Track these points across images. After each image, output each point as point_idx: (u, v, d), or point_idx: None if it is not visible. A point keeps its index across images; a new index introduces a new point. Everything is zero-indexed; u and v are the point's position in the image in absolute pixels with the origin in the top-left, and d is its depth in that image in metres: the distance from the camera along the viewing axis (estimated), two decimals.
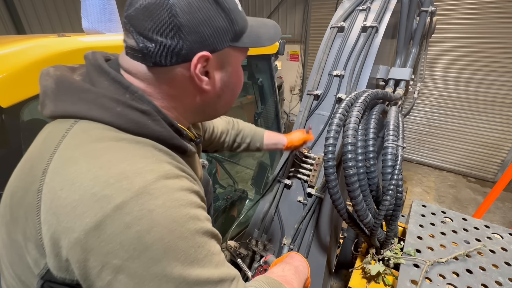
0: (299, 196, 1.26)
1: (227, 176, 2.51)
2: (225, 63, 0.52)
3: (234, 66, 0.55)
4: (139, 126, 0.45)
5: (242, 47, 0.53)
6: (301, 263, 0.75)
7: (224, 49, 0.50)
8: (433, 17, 1.48)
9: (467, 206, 3.75)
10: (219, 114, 0.63)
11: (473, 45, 3.83)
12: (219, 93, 0.55)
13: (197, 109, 0.56)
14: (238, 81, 0.58)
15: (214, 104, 0.57)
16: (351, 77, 1.27)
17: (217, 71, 0.52)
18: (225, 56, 0.52)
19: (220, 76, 0.53)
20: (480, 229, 1.06)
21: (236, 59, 0.55)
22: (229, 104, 0.61)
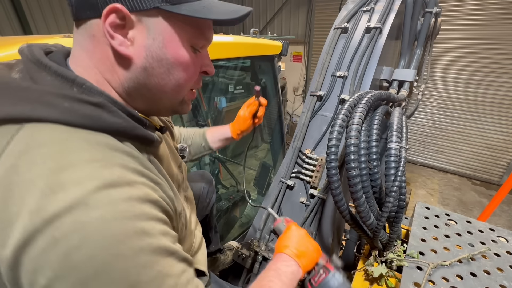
0: (302, 197, 1.26)
1: (229, 176, 2.52)
2: (152, 29, 0.45)
3: (168, 37, 0.46)
4: (93, 120, 0.41)
5: (178, 14, 0.44)
6: (284, 262, 0.71)
7: (150, 10, 0.43)
8: (437, 18, 1.47)
9: (472, 209, 3.71)
10: (161, 103, 0.53)
11: (478, 46, 3.79)
12: (145, 64, 0.46)
13: (130, 86, 0.48)
14: (176, 60, 0.48)
15: (146, 83, 0.48)
16: (355, 78, 1.27)
17: (140, 35, 0.45)
18: (154, 21, 0.44)
19: (145, 43, 0.45)
20: (485, 232, 1.05)
21: (174, 29, 0.46)
22: (170, 90, 0.51)
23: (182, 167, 0.79)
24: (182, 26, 0.47)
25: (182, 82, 0.51)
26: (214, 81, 2.34)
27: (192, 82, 0.54)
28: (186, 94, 0.55)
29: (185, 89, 0.53)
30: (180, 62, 0.49)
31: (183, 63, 0.49)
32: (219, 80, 2.39)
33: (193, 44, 0.50)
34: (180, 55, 0.49)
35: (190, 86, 0.55)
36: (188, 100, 0.57)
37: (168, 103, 0.54)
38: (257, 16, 6.26)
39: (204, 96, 2.30)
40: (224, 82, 2.51)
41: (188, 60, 0.50)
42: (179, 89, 0.52)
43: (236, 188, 2.41)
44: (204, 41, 0.52)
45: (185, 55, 0.49)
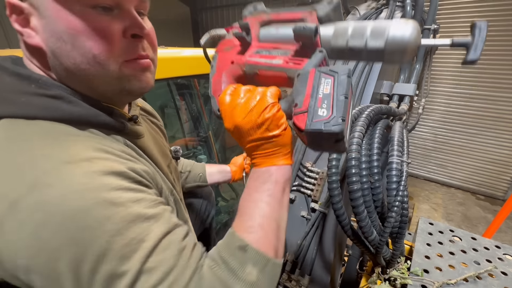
0: (303, 211, 1.24)
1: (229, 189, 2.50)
2: (41, 8, 0.41)
3: (54, 7, 0.41)
4: (50, 110, 0.42)
5: None
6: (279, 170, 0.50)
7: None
8: (436, 35, 1.50)
9: (477, 224, 3.64)
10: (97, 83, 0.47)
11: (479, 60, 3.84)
12: (52, 48, 0.43)
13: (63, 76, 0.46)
14: (75, 30, 0.42)
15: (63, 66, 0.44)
16: (355, 92, 1.28)
17: (36, 20, 0.43)
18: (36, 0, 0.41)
19: (42, 25, 0.42)
20: (491, 249, 1.02)
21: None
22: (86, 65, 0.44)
23: (171, 167, 0.74)
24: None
25: (96, 52, 0.43)
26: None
27: (114, 50, 0.45)
28: (123, 66, 0.47)
29: (108, 60, 0.45)
30: (76, 30, 0.42)
31: (81, 31, 0.42)
32: None
33: (93, 3, 0.42)
34: (73, 22, 0.41)
35: (116, 56, 0.45)
36: (131, 73, 0.48)
37: (103, 83, 0.47)
38: None
39: (205, 107, 2.32)
40: None
41: (87, 25, 0.42)
42: (97, 62, 0.44)
43: (236, 201, 2.38)
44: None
45: (83, 20, 0.42)
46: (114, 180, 0.39)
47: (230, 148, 3.27)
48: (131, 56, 0.48)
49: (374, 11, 1.50)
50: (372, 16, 1.46)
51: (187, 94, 2.14)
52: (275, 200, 0.49)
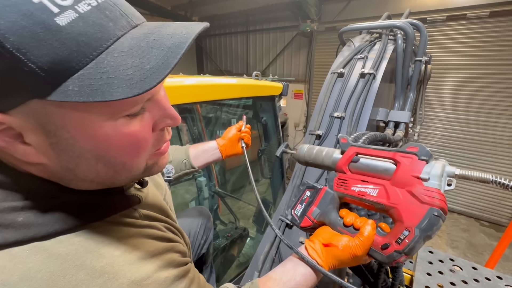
0: (301, 237, 1.23)
1: (228, 211, 2.47)
2: (46, 126, 0.31)
3: (75, 128, 0.32)
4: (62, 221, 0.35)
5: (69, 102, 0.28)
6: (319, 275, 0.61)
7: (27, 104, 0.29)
8: (427, 65, 1.58)
9: (483, 252, 3.53)
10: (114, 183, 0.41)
11: (471, 88, 3.97)
12: (64, 165, 0.35)
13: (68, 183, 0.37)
14: (106, 148, 0.35)
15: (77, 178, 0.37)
16: (351, 119, 1.32)
17: (37, 137, 0.32)
18: (40, 116, 0.30)
19: (49, 142, 0.32)
20: (492, 280, 1.00)
21: (75, 118, 0.31)
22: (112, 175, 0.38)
23: (166, 199, 0.67)
24: (88, 109, 0.31)
25: (132, 160, 0.38)
26: (216, 116, 2.43)
27: (146, 152, 0.40)
28: (149, 160, 0.42)
29: (139, 164, 0.40)
30: (111, 147, 0.35)
31: (117, 145, 0.35)
32: (222, 115, 2.48)
33: (121, 113, 0.34)
34: (108, 140, 0.34)
35: (146, 156, 0.41)
36: (154, 162, 0.44)
37: (126, 181, 0.42)
38: (260, 57, 6.68)
39: (206, 130, 2.37)
40: (227, 117, 2.60)
41: (124, 137, 0.35)
42: (128, 168, 0.39)
43: (234, 225, 2.35)
44: (138, 103, 0.35)
45: (115, 135, 0.34)
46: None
47: (230, 170, 3.28)
48: (159, 147, 0.43)
49: (368, 44, 1.59)
50: (366, 48, 1.55)
51: (189, 117, 2.20)
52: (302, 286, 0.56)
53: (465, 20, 3.82)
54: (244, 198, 3.21)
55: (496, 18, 3.61)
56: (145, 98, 0.36)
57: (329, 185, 0.65)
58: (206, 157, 1.02)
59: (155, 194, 0.59)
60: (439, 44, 4.07)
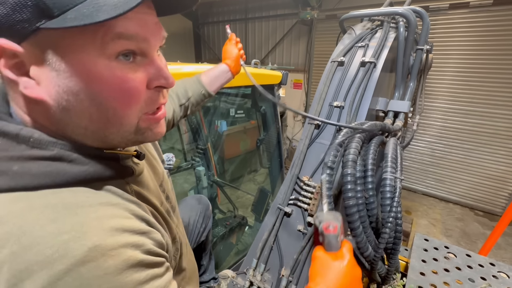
0: (299, 225, 1.25)
1: (227, 201, 2.50)
2: (49, 58, 0.34)
3: (73, 61, 0.35)
4: (52, 176, 0.36)
5: (68, 27, 0.32)
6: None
7: (35, 35, 0.33)
8: (429, 54, 1.56)
9: (476, 241, 3.61)
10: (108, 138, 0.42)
11: (472, 78, 3.95)
12: (61, 103, 0.37)
13: (63, 130, 0.40)
14: (99, 87, 0.37)
15: (72, 122, 0.39)
16: (351, 108, 1.31)
17: (42, 70, 0.35)
18: (45, 46, 0.34)
19: (49, 77, 0.35)
20: (485, 266, 1.03)
21: (74, 49, 0.35)
22: (104, 123, 0.40)
23: (164, 186, 0.67)
24: (87, 39, 0.35)
25: (118, 109, 0.39)
26: (215, 105, 2.42)
27: (137, 105, 0.41)
28: (141, 120, 0.43)
29: (130, 117, 0.41)
30: (104, 87, 0.37)
31: (109, 86, 0.37)
32: (220, 104, 2.46)
33: (114, 52, 0.37)
34: (101, 79, 0.36)
35: (138, 110, 0.42)
36: (147, 126, 0.45)
37: (117, 137, 0.42)
38: (259, 46, 6.58)
39: (205, 119, 2.35)
40: (225, 106, 2.58)
41: (116, 79, 0.37)
42: (120, 118, 0.40)
43: (233, 213, 2.38)
44: (134, 42, 0.38)
45: (108, 75, 0.37)
46: (130, 276, 0.36)
47: (229, 159, 3.28)
48: (152, 109, 0.44)
49: (369, 31, 1.56)
50: (368, 36, 1.52)
51: None
52: None
53: (468, 8, 3.75)
54: (243, 187, 3.23)
55: (499, 6, 3.54)
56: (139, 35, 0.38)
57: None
58: (220, 82, 1.05)
59: (151, 177, 0.59)
60: (440, 33, 4.01)
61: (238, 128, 3.59)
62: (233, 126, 3.55)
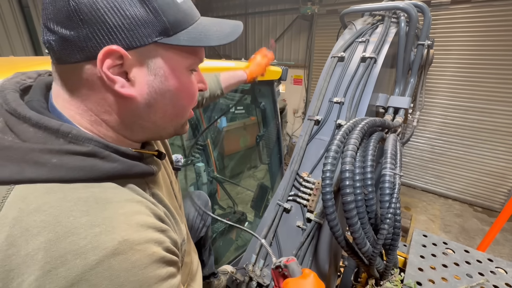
0: (298, 221, 1.25)
1: (227, 197, 2.50)
2: (152, 65, 0.43)
3: (169, 69, 0.44)
4: (87, 171, 0.39)
5: (177, 45, 0.43)
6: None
7: (147, 46, 0.41)
8: (430, 50, 1.55)
9: (475, 236, 3.63)
10: (165, 131, 0.52)
11: (473, 75, 3.93)
12: (149, 101, 0.45)
13: (131, 123, 0.46)
14: (179, 89, 0.47)
15: (148, 116, 0.47)
16: (351, 104, 1.31)
17: (140, 73, 0.42)
18: (152, 56, 0.42)
19: (146, 80, 0.43)
20: (483, 262, 1.03)
21: (172, 61, 0.45)
22: (175, 118, 0.51)
23: (173, 185, 0.72)
24: (182, 55, 0.46)
25: (187, 107, 0.52)
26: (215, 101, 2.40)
27: (193, 103, 0.54)
28: (185, 117, 0.55)
29: (188, 112, 0.54)
30: (182, 90, 0.48)
31: (185, 90, 0.49)
32: (219, 100, 2.45)
33: (193, 66, 0.50)
34: (182, 84, 0.48)
35: (191, 107, 0.54)
36: (185, 122, 0.56)
37: (172, 129, 0.53)
38: (259, 41, 6.53)
39: (204, 115, 2.35)
40: (225, 102, 2.57)
41: (189, 85, 0.50)
42: (183, 113, 0.52)
43: (233, 209, 2.38)
44: (199, 62, 0.51)
45: (186, 82, 0.48)
46: (153, 271, 0.39)
47: (228, 156, 3.28)
48: (195, 104, 0.55)
49: (370, 27, 1.55)
50: (368, 31, 1.51)
51: None
52: None
53: (470, 3, 3.72)
54: (243, 183, 3.24)
55: (502, 1, 3.51)
56: (202, 58, 0.51)
57: None
58: (234, 86, 1.18)
59: (164, 177, 0.63)
60: (442, 28, 3.98)
61: (237, 124, 3.58)
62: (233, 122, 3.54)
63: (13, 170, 0.36)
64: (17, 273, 0.32)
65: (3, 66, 0.87)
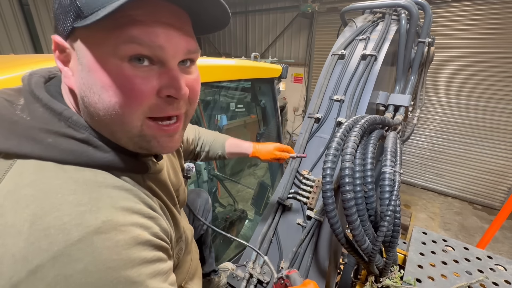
0: (298, 219, 1.26)
1: (227, 194, 2.51)
2: (79, 53, 0.40)
3: (93, 56, 0.39)
4: (78, 156, 0.40)
5: (91, 26, 0.36)
6: None
7: (73, 33, 0.39)
8: (430, 47, 1.55)
9: (474, 234, 3.64)
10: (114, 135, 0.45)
11: (473, 73, 3.92)
12: (81, 93, 0.42)
13: (89, 120, 0.44)
14: (105, 82, 0.39)
15: (89, 113, 0.43)
16: (351, 102, 1.31)
17: (74, 64, 0.41)
18: (78, 43, 0.40)
19: (77, 70, 0.41)
20: (483, 259, 1.03)
21: (93, 46, 0.39)
22: (109, 121, 0.42)
23: (179, 191, 0.71)
24: (101, 36, 0.38)
25: (123, 107, 0.40)
26: (215, 99, 2.40)
27: (139, 107, 0.42)
28: (144, 125, 0.43)
29: (131, 117, 0.42)
30: (108, 83, 0.39)
31: (113, 83, 0.39)
32: (220, 98, 2.45)
33: (125, 54, 0.39)
34: (109, 75, 0.39)
35: (140, 113, 0.42)
36: (152, 134, 0.45)
37: (124, 137, 0.45)
38: (259, 39, 6.51)
39: (205, 113, 2.35)
40: (225, 100, 2.57)
41: (118, 80, 0.39)
42: (123, 117, 0.41)
43: (233, 207, 2.39)
44: (147, 48, 0.39)
45: (115, 72, 0.39)
46: (138, 253, 0.39)
47: None
48: (157, 115, 0.44)
49: (370, 24, 1.54)
50: (369, 28, 1.51)
51: None
52: None
53: (471, 0, 3.70)
54: (243, 181, 3.24)
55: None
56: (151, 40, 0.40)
57: None
58: (237, 155, 1.14)
59: (171, 180, 0.63)
60: (443, 26, 3.97)
61: (238, 122, 3.58)
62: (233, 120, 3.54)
63: (13, 143, 0.39)
64: (1, 243, 0.33)
65: (3, 64, 0.87)
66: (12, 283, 0.32)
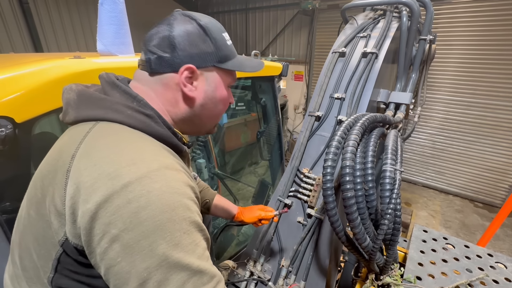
0: (299, 217, 1.26)
1: (228, 193, 2.51)
2: (209, 79, 0.65)
3: (218, 84, 0.67)
4: (145, 125, 0.56)
5: (225, 69, 0.66)
6: None
7: (209, 67, 0.64)
8: (432, 45, 1.54)
9: (475, 232, 3.64)
10: (205, 127, 0.73)
11: (475, 70, 3.90)
12: (202, 103, 0.66)
13: (186, 116, 0.66)
14: (221, 98, 0.68)
15: (200, 114, 0.67)
16: (352, 100, 1.30)
17: (201, 83, 0.64)
18: (211, 74, 0.65)
19: (204, 88, 0.64)
20: (483, 257, 1.03)
21: (221, 78, 0.67)
22: (213, 118, 0.72)
23: None
24: (226, 75, 0.68)
25: (222, 111, 0.73)
26: None
27: (225, 110, 0.74)
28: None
29: (221, 116, 0.74)
30: (223, 99, 0.69)
31: (224, 99, 0.69)
32: None
33: (230, 84, 0.71)
34: (223, 94, 0.69)
35: (223, 113, 0.74)
36: (216, 125, 0.78)
37: (209, 127, 0.74)
38: (259, 36, 6.48)
39: None
40: None
41: (226, 96, 0.70)
42: (219, 117, 0.74)
43: None
44: (234, 82, 0.73)
45: (225, 93, 0.69)
46: (190, 191, 0.52)
47: (229, 152, 3.29)
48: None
49: (371, 21, 1.53)
50: (370, 26, 1.50)
51: None
52: None
53: None
54: (244, 179, 3.25)
55: None
56: (235, 79, 0.73)
57: None
58: (220, 214, 1.21)
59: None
60: (444, 23, 3.94)
61: (238, 121, 3.58)
62: (234, 119, 3.54)
63: (100, 112, 0.55)
64: (99, 167, 0.47)
65: (3, 63, 0.87)
66: (107, 194, 0.44)
